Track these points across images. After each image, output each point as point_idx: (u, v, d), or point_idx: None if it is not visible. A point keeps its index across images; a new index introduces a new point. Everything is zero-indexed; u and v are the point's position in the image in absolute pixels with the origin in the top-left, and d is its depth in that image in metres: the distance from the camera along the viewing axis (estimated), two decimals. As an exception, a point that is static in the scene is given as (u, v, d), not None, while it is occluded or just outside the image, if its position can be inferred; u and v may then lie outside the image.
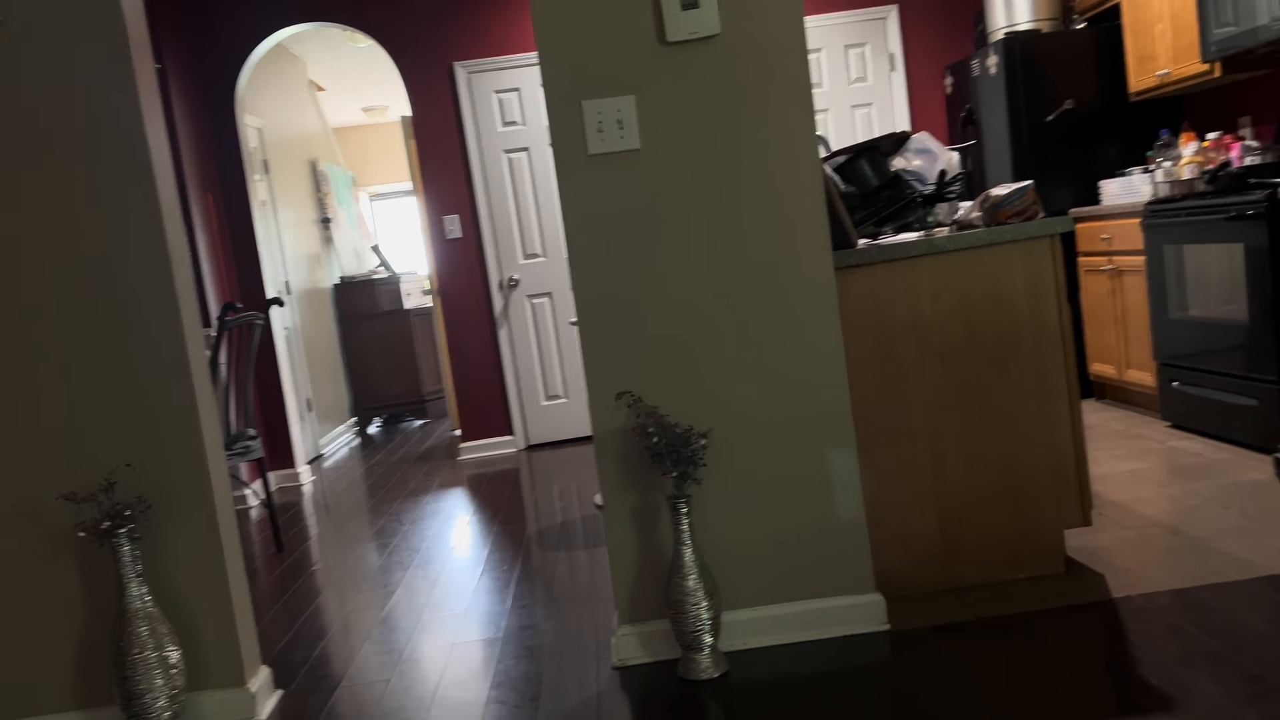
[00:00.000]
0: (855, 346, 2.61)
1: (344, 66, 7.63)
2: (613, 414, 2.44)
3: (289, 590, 3.53)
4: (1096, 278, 4.59)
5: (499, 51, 5.54)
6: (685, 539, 2.32)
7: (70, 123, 2.30)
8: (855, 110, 5.67)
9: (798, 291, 2.43)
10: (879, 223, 2.96)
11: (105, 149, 2.31)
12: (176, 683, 2.27)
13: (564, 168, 2.39)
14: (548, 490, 4.60)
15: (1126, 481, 3.42)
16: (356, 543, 4.10)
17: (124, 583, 2.25)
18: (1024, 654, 2.22)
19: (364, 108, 9.07)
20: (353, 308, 7.57)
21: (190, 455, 2.38)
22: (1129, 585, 2.53)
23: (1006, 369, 2.62)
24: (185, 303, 2.41)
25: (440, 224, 5.62)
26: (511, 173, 5.64)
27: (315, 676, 2.68)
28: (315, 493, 5.37)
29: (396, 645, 2.83)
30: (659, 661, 2.46)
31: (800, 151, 2.40)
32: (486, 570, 3.44)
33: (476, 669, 2.58)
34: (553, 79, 2.37)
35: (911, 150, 2.98)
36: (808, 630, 2.47)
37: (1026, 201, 2.70)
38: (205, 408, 2.43)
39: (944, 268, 2.60)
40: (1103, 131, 4.80)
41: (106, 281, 2.34)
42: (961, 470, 2.64)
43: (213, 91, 5.46)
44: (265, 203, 6.12)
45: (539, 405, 5.76)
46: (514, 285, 5.69)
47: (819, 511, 2.46)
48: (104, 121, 2.31)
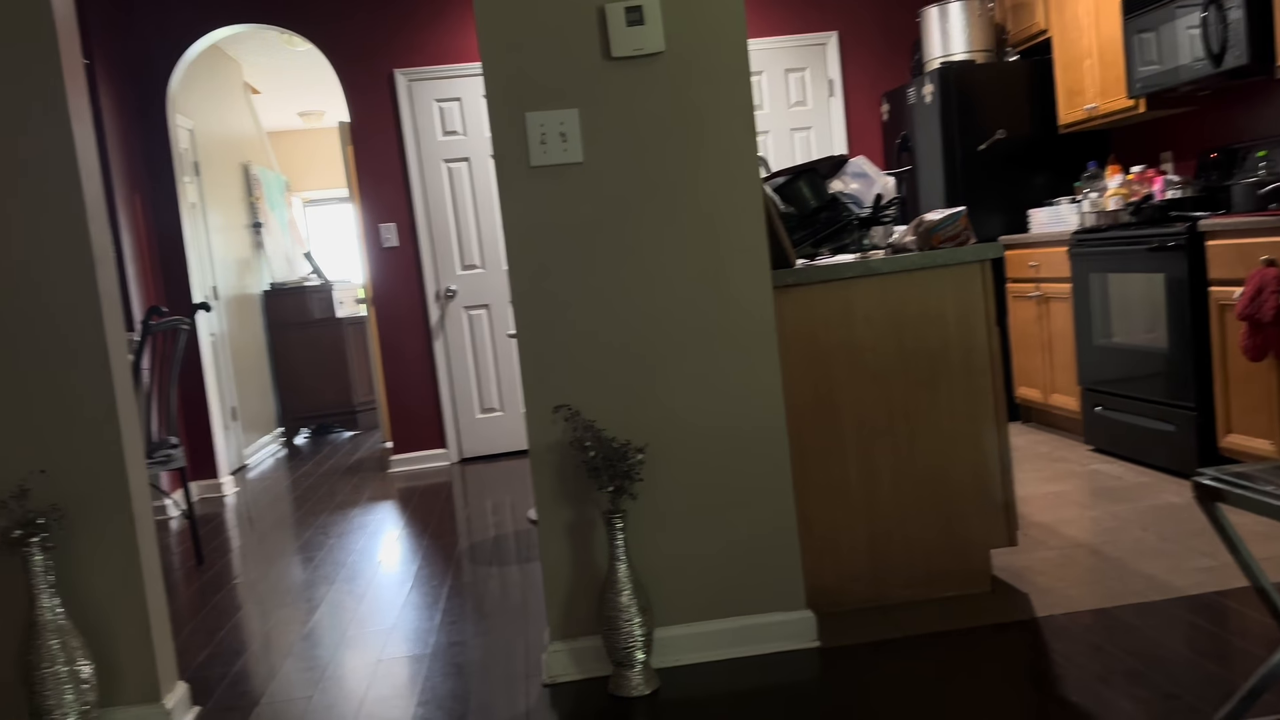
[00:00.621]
0: (791, 365, 2.63)
1: (281, 69, 7.50)
2: (550, 427, 2.42)
3: (209, 604, 3.42)
4: (1024, 304, 4.71)
5: (441, 60, 5.50)
6: (620, 554, 2.31)
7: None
8: (794, 133, 5.75)
9: (736, 309, 2.44)
10: (816, 244, 2.99)
11: (28, 143, 2.23)
12: (88, 699, 2.18)
13: (505, 179, 2.38)
14: (480, 504, 4.54)
15: (1050, 503, 3.51)
16: (280, 556, 3.99)
17: (35, 594, 2.15)
18: (951, 671, 2.25)
19: (300, 112, 8.92)
20: (283, 315, 7.41)
21: (109, 463, 2.30)
22: (1052, 605, 2.58)
23: (937, 390, 2.67)
24: (109, 305, 2.33)
25: (376, 232, 5.54)
26: (451, 182, 5.59)
27: (234, 693, 2.60)
28: (239, 504, 5.23)
29: (320, 661, 2.76)
30: (590, 678, 2.43)
31: (742, 170, 2.42)
32: (415, 585, 3.38)
33: (402, 686, 2.53)
34: (496, 89, 2.35)
35: (849, 174, 3.03)
36: (739, 646, 2.47)
37: (959, 227, 2.76)
38: (126, 414, 2.35)
39: (878, 289, 2.64)
40: (1032, 161, 4.95)
41: (26, 281, 2.25)
42: (891, 489, 2.68)
43: (144, 90, 5.32)
44: (195, 205, 5.97)
45: (474, 418, 5.70)
46: (451, 296, 5.63)
47: (752, 528, 2.47)
48: (27, 115, 2.23)
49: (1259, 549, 2.82)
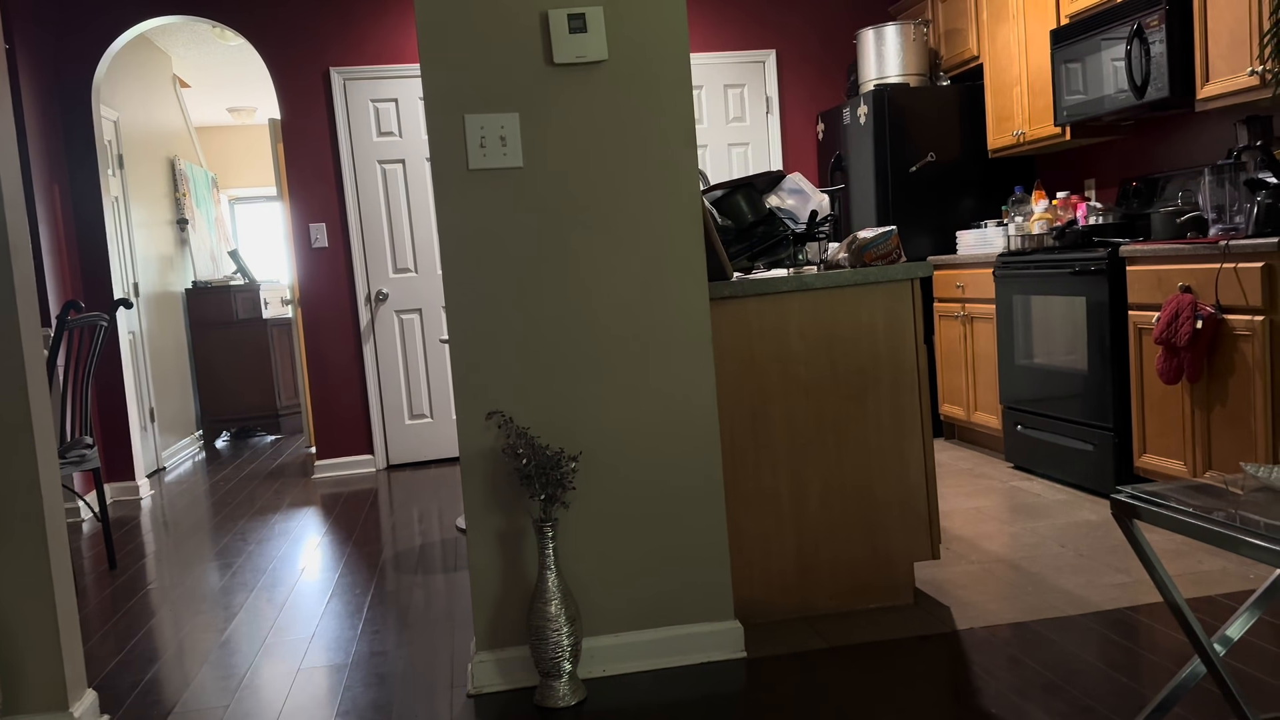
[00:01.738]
0: (725, 376, 2.65)
1: (212, 64, 7.33)
2: (482, 434, 2.39)
3: (121, 610, 3.30)
4: (950, 323, 4.82)
5: (378, 60, 5.42)
6: (550, 563, 2.29)
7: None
8: (732, 148, 5.81)
9: (673, 319, 2.45)
10: (752, 257, 3.02)
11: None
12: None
13: (442, 181, 2.35)
14: (407, 512, 4.47)
15: (972, 518, 3.58)
16: (197, 562, 3.88)
17: (-69, 599, 2.05)
18: (875, 682, 2.28)
19: (230, 108, 8.72)
20: (205, 314, 7.22)
21: (19, 462, 2.20)
22: (973, 618, 2.64)
23: (865, 404, 2.71)
24: (24, 298, 2.24)
25: (306, 232, 5.43)
26: (385, 184, 5.51)
27: (146, 702, 2.51)
28: (154, 508, 5.07)
29: (236, 670, 2.68)
30: (516, 689, 2.41)
31: (682, 181, 2.43)
32: (337, 594, 3.31)
33: (322, 696, 2.47)
34: (435, 91, 2.33)
35: (786, 189, 3.07)
36: (667, 657, 2.47)
37: (890, 245, 2.81)
38: (39, 411, 2.26)
39: (811, 304, 2.68)
40: (962, 184, 5.07)
41: (-69, 269, 2.16)
42: (819, 500, 2.71)
43: (67, 78, 5.14)
44: (117, 199, 5.79)
45: (402, 424, 5.61)
46: (382, 299, 5.54)
47: (683, 538, 2.48)
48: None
49: (1172, 565, 2.92)
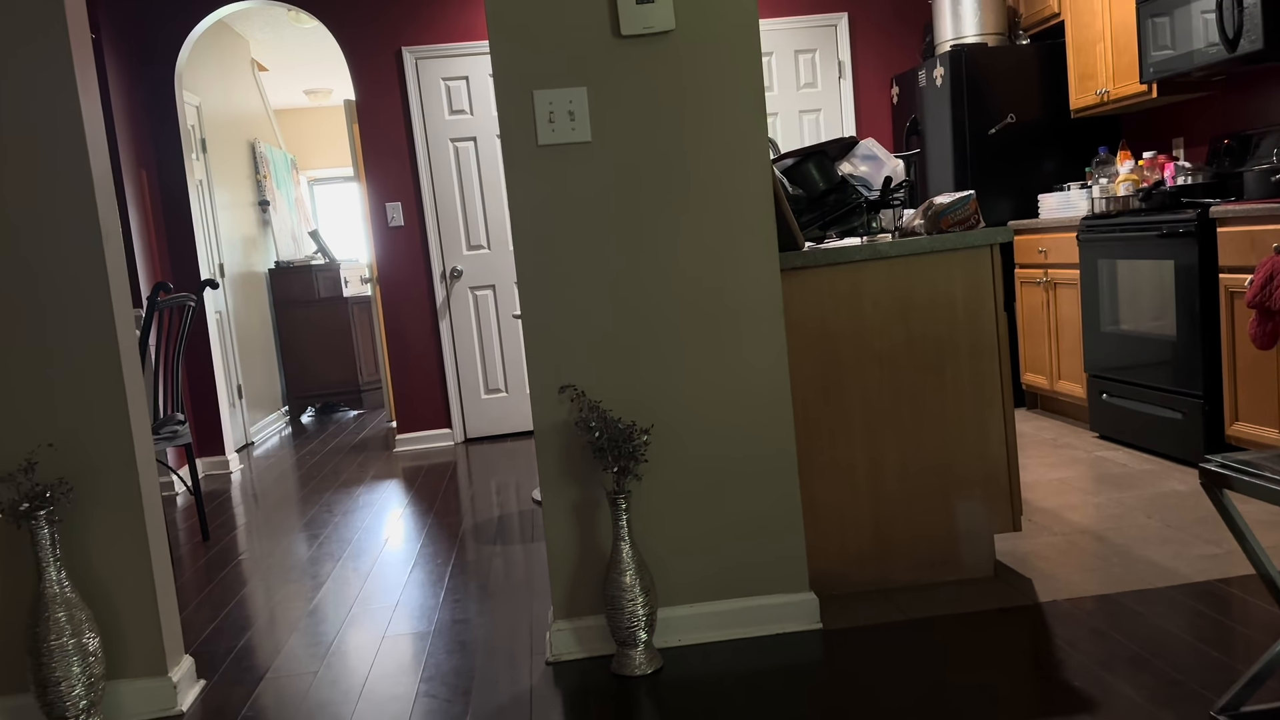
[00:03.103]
0: (798, 347, 2.63)
1: (288, 47, 7.47)
2: (555, 408, 2.42)
3: (214, 579, 3.44)
4: (1032, 289, 4.70)
5: (449, 38, 5.47)
6: (624, 535, 2.31)
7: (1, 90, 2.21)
8: (803, 115, 5.72)
9: (744, 291, 2.43)
10: (824, 226, 2.98)
11: (36, 118, 2.23)
12: (95, 671, 2.20)
13: (512, 158, 2.37)
14: (485, 484, 4.55)
15: (1055, 489, 3.51)
16: (285, 533, 4.01)
17: (42, 567, 2.17)
18: (953, 655, 2.26)
19: (306, 90, 8.89)
20: (289, 293, 7.42)
21: (116, 437, 2.31)
22: (1055, 590, 2.58)
23: (943, 374, 2.67)
24: (116, 281, 2.33)
25: (382, 211, 5.53)
26: (458, 162, 5.57)
27: (240, 668, 2.61)
28: (244, 481, 5.25)
29: (324, 637, 2.78)
30: (593, 657, 2.44)
31: (751, 151, 2.41)
32: (419, 563, 3.40)
33: (406, 662, 2.54)
34: (504, 67, 2.34)
35: (858, 156, 3.01)
36: (742, 628, 2.48)
37: (968, 211, 2.74)
38: (133, 389, 2.36)
39: (886, 273, 2.63)
40: (1043, 146, 4.91)
41: (35, 256, 2.26)
42: (896, 472, 2.68)
43: (151, 66, 5.30)
44: (202, 182, 5.96)
45: (479, 398, 5.70)
46: (457, 276, 5.62)
47: (757, 510, 2.48)
48: (35, 90, 2.22)
49: (1265, 536, 2.82)
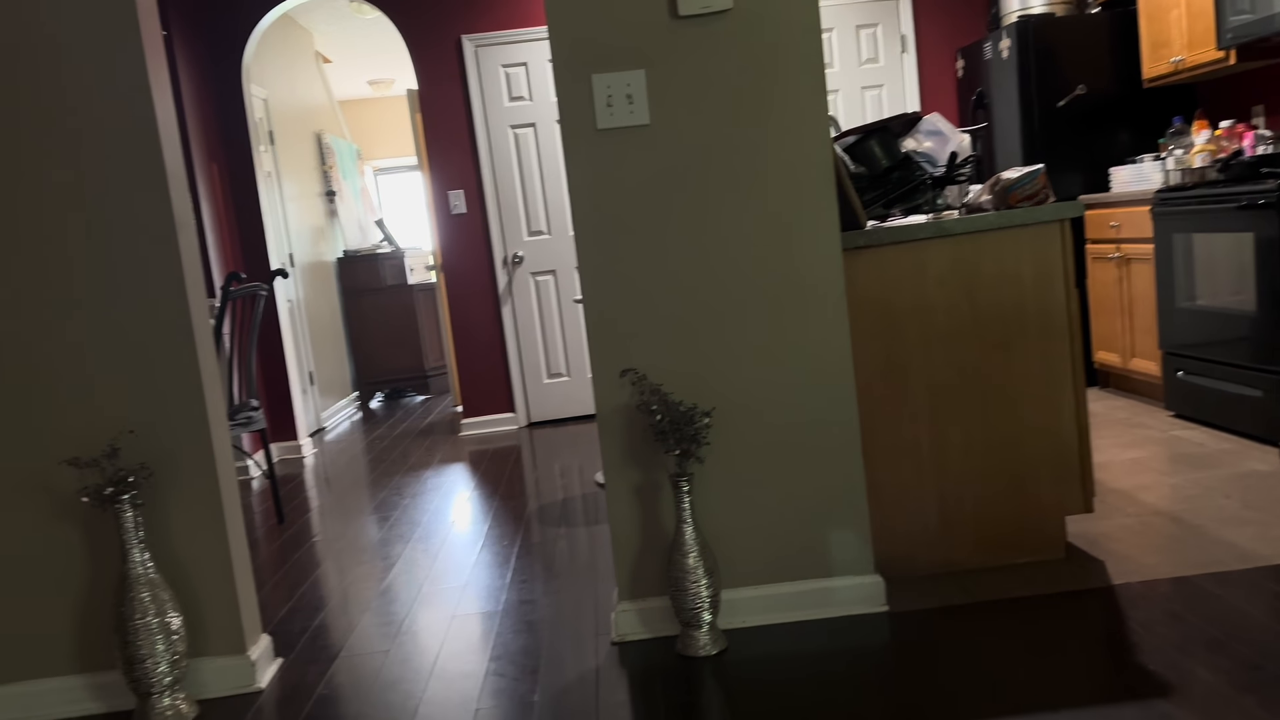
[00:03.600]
0: (861, 327, 2.60)
1: (351, 38, 7.59)
2: (616, 392, 2.43)
3: (289, 561, 3.54)
4: (1104, 265, 4.57)
5: (507, 25, 5.50)
6: (686, 517, 2.32)
7: (76, 87, 2.29)
8: (866, 91, 5.63)
9: (805, 271, 2.41)
10: (888, 204, 2.94)
11: (111, 115, 2.30)
12: (178, 649, 2.28)
13: (572, 143, 2.38)
14: (549, 467, 4.60)
15: (1129, 469, 3.42)
16: (357, 515, 4.11)
17: (126, 549, 2.25)
18: (1023, 638, 2.23)
19: (370, 80, 9.02)
20: (356, 282, 7.56)
21: (193, 424, 2.38)
22: (1129, 572, 2.53)
23: (1011, 353, 2.61)
24: (190, 272, 2.40)
25: (445, 199, 5.60)
26: (518, 148, 5.61)
27: (315, 646, 2.69)
28: (316, 465, 5.38)
29: (396, 617, 2.84)
30: (658, 638, 2.46)
31: (811, 130, 2.38)
32: (486, 545, 3.45)
33: (475, 642, 2.59)
34: (562, 52, 2.35)
35: (923, 132, 2.96)
36: (807, 610, 2.47)
37: (1037, 186, 2.68)
38: (209, 377, 2.43)
39: (951, 251, 2.59)
40: (1115, 117, 4.77)
41: (112, 250, 2.33)
42: (963, 453, 2.64)
43: (219, 60, 5.43)
44: (270, 174, 6.09)
45: (541, 383, 5.75)
46: (518, 262, 5.67)
47: (820, 492, 2.46)
48: (110, 86, 2.29)
49: (1351, 518, 2.72)
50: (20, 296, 2.33)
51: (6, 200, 2.31)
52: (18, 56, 2.27)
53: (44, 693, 2.41)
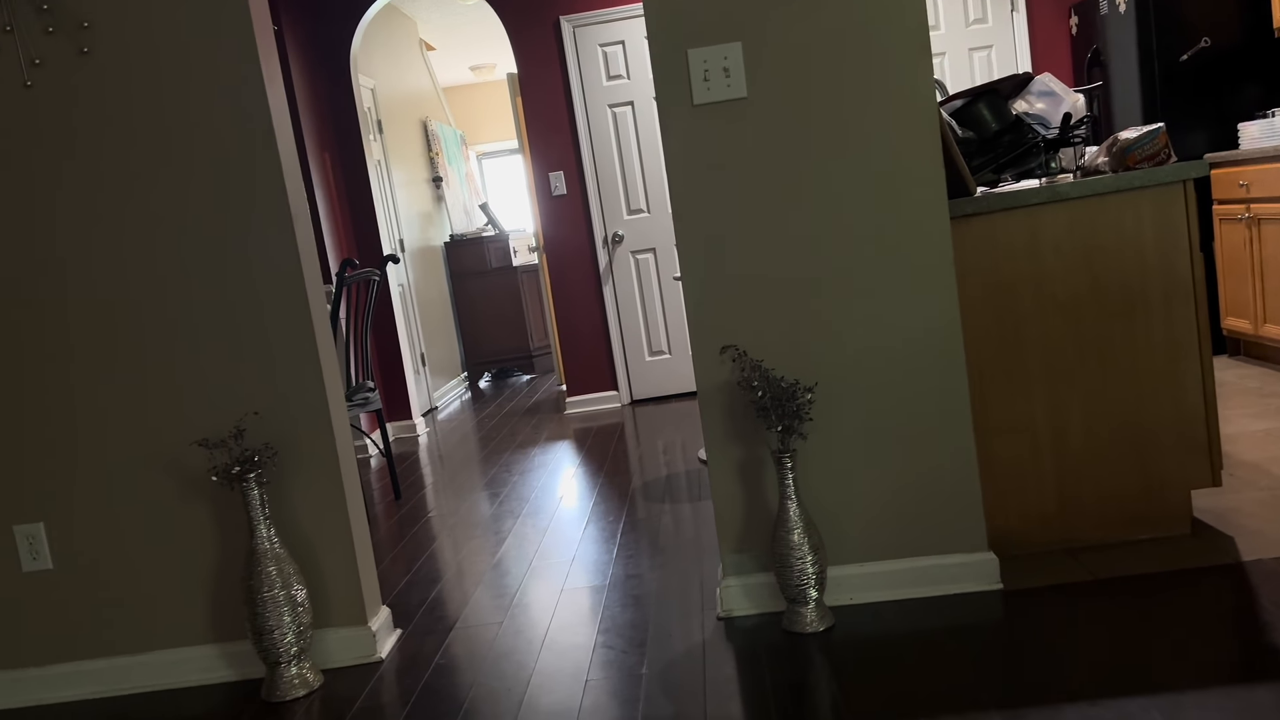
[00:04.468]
0: (971, 298, 2.53)
1: (452, 25, 7.72)
2: (717, 368, 2.43)
3: (406, 535, 3.67)
4: (1233, 227, 4.33)
5: (605, 4, 5.51)
6: (790, 493, 2.31)
7: (194, 85, 2.40)
8: (973, 53, 5.45)
9: (911, 242, 2.36)
10: (998, 169, 2.84)
11: (228, 110, 2.40)
12: (303, 620, 2.39)
13: (669, 119, 2.37)
14: (652, 444, 4.63)
15: (1260, 441, 3.25)
16: (469, 492, 4.22)
17: (253, 524, 2.37)
18: (1146, 617, 2.14)
19: (472, 66, 9.17)
20: (463, 265, 7.73)
21: (313, 405, 2.48)
22: (1260, 548, 2.40)
23: (1133, 322, 2.51)
24: (307, 259, 2.50)
25: (546, 181, 5.66)
26: (616, 127, 5.63)
27: (432, 617, 2.78)
28: (430, 444, 5.55)
29: (508, 590, 2.92)
30: (764, 613, 2.46)
31: (915, 96, 2.32)
32: (592, 520, 3.50)
33: (584, 615, 2.63)
34: (658, 28, 2.34)
35: (1034, 93, 2.85)
36: (917, 587, 2.44)
37: (1157, 145, 2.55)
38: (327, 360, 2.53)
39: (1067, 216, 2.49)
40: (1242, 71, 4.49)
41: (234, 241, 2.44)
42: (1082, 426, 2.55)
43: (328, 53, 5.60)
44: (380, 162, 6.27)
45: (643, 361, 5.79)
46: (618, 241, 5.70)
47: (929, 467, 2.42)
48: (226, 82, 2.39)
49: None
50: (150, 293, 2.46)
51: (135, 197, 2.44)
52: (139, 55, 2.39)
53: (182, 661, 2.56)
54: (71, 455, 2.52)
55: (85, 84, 2.40)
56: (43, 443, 2.52)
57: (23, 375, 2.50)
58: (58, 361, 2.49)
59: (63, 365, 2.49)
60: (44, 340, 2.49)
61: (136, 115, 2.41)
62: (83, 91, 2.40)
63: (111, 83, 2.40)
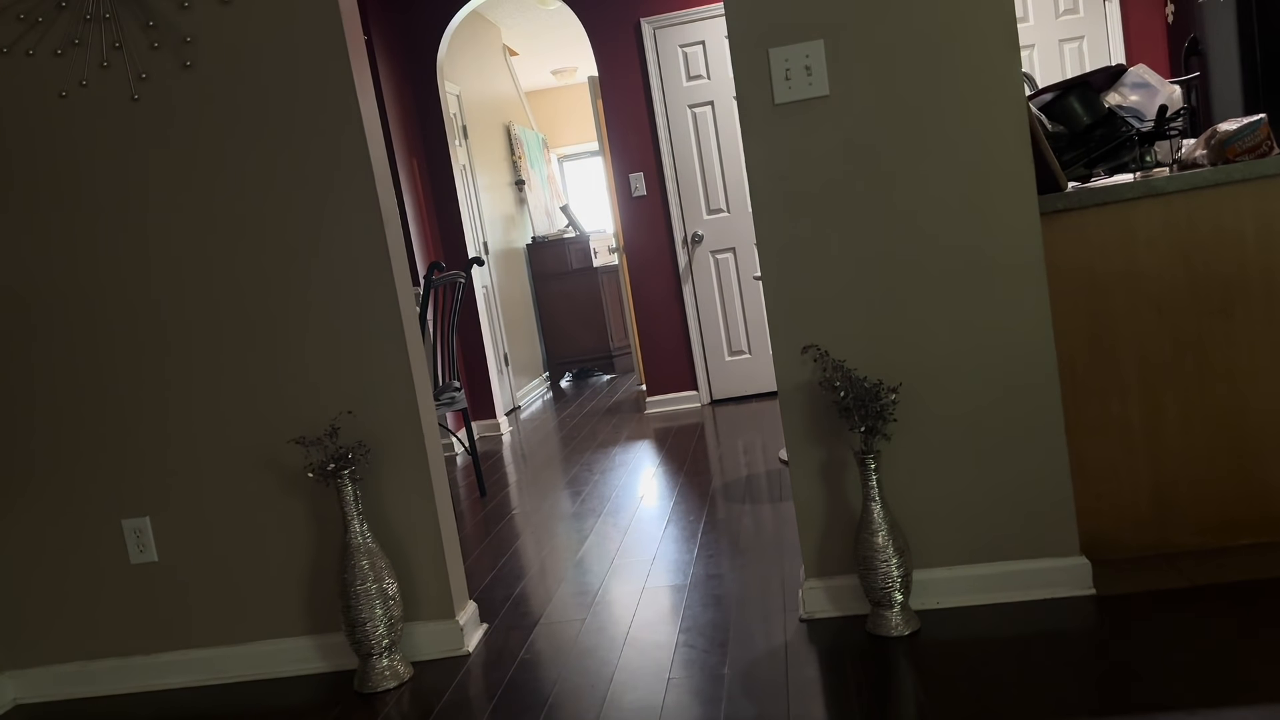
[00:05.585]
0: (1062, 296, 2.47)
1: (535, 29, 7.82)
2: (798, 368, 2.42)
3: (491, 532, 3.73)
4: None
5: (685, 5, 5.52)
6: (874, 495, 2.29)
7: (291, 96, 2.48)
8: (1064, 45, 5.30)
9: (999, 239, 2.32)
10: (1090, 164, 2.77)
11: (324, 118, 2.48)
12: (394, 613, 2.46)
13: (749, 118, 2.37)
14: (732, 444, 4.63)
15: (1376, 445, 3.09)
16: (551, 490, 4.28)
17: (347, 520, 2.45)
18: (1246, 626, 2.07)
19: (553, 70, 9.27)
20: (544, 266, 7.82)
21: (403, 404, 2.55)
22: (1376, 558, 2.30)
23: (1232, 319, 2.42)
24: (397, 262, 2.57)
25: (626, 182, 5.70)
26: (695, 127, 5.63)
27: (516, 613, 2.83)
28: (513, 442, 5.63)
29: (590, 587, 2.95)
30: (847, 616, 2.44)
31: (1002, 90, 2.28)
32: (673, 520, 3.52)
33: (665, 614, 2.65)
34: (739, 27, 2.34)
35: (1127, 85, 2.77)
36: (1005, 592, 2.39)
37: (1259, 137, 2.45)
38: (416, 361, 2.59)
39: (1162, 211, 2.41)
40: (1356, 55, 4.28)
41: (327, 244, 2.53)
42: (1178, 428, 2.47)
43: (415, 61, 5.73)
44: (465, 167, 6.39)
45: (723, 361, 5.78)
46: (698, 241, 5.71)
47: (1019, 470, 2.37)
48: (322, 92, 2.48)
49: None
50: (250, 295, 2.57)
51: (238, 201, 2.54)
52: (238, 68, 2.49)
53: (279, 652, 2.66)
54: (176, 452, 2.63)
55: (188, 97, 2.51)
56: (149, 440, 2.64)
57: (129, 375, 2.63)
58: (161, 362, 2.61)
59: (167, 365, 2.61)
60: (149, 342, 2.61)
61: (237, 124, 2.51)
62: (185, 104, 2.51)
63: (212, 94, 2.50)
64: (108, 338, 2.61)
